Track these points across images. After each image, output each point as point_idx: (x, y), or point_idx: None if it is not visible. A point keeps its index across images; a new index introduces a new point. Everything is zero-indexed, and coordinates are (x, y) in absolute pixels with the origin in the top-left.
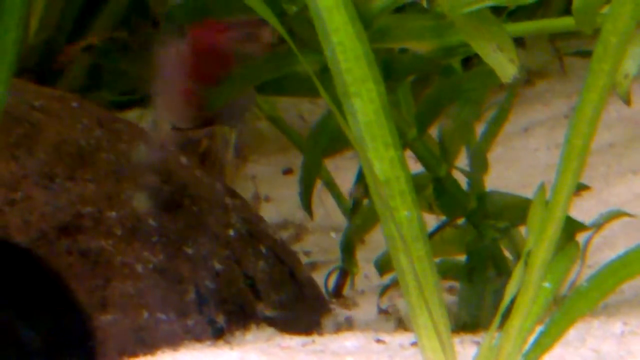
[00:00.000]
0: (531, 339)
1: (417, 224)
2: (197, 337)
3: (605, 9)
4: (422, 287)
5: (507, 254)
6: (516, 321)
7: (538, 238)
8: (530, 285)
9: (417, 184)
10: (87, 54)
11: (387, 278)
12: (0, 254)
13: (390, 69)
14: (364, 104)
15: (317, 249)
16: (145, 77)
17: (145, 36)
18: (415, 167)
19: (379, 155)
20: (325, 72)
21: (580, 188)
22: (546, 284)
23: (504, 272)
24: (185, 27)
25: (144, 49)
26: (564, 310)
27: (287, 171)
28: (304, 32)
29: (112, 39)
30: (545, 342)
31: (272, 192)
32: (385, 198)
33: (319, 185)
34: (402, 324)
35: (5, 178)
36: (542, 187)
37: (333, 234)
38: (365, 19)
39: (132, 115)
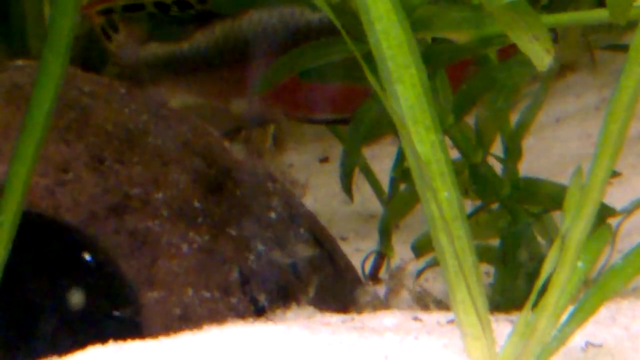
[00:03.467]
0: (565, 316)
1: (456, 204)
2: (240, 314)
3: (638, 1)
4: (461, 265)
5: (539, 238)
6: (551, 298)
7: (574, 219)
8: (565, 265)
9: (453, 170)
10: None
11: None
12: (52, 232)
13: (429, 57)
14: (407, 89)
15: (353, 235)
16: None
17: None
18: (452, 154)
19: (421, 138)
20: (367, 60)
21: (612, 175)
22: (580, 264)
23: (536, 256)
24: None
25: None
26: (598, 287)
27: (324, 159)
28: (346, 21)
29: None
30: (580, 316)
31: (309, 179)
32: (427, 178)
33: (356, 172)
34: (436, 305)
35: (57, 160)
36: (578, 170)
37: None
38: (406, 9)
39: None
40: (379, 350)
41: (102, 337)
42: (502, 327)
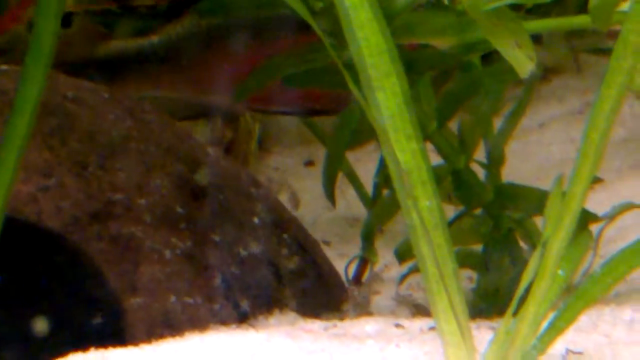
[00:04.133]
0: (545, 324)
1: (437, 212)
2: (222, 320)
3: (621, 6)
4: (442, 273)
5: (522, 244)
6: (532, 306)
7: (555, 228)
8: (546, 273)
9: (436, 176)
10: None
11: (405, 266)
12: (34, 238)
13: (412, 63)
14: (387, 97)
15: (337, 239)
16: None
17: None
18: (435, 159)
19: (401, 147)
20: (348, 67)
21: (594, 181)
22: (560, 272)
23: (519, 261)
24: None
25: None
26: (577, 295)
27: (309, 163)
28: (329, 27)
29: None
30: (559, 325)
31: (294, 183)
32: (408, 187)
33: (340, 176)
34: (418, 311)
35: (40, 166)
36: (559, 179)
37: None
38: (388, 16)
39: None
40: (359, 358)
41: (83, 345)
42: (484, 334)
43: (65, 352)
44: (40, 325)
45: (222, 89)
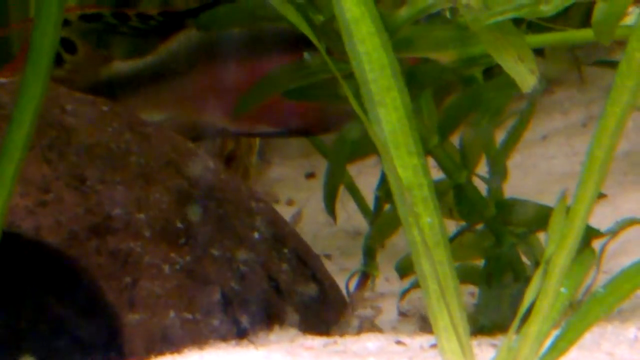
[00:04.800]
0: (548, 342)
1: (438, 230)
2: (222, 336)
3: (624, 21)
4: (443, 291)
5: (524, 259)
6: (534, 325)
7: (558, 246)
8: (549, 291)
9: (438, 190)
10: None
11: (407, 281)
12: (31, 253)
13: (413, 78)
14: (389, 112)
15: (338, 252)
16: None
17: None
18: (437, 174)
19: (403, 163)
20: (349, 80)
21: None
22: (563, 290)
23: (521, 277)
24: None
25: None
26: (580, 315)
27: (310, 175)
28: (330, 41)
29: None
30: (561, 345)
31: (295, 195)
32: (410, 204)
33: (341, 189)
34: (423, 325)
35: (38, 180)
36: (563, 196)
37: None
38: (390, 30)
39: None
40: None
41: None
42: (485, 351)
43: None
44: (40, 340)
45: (216, 107)
